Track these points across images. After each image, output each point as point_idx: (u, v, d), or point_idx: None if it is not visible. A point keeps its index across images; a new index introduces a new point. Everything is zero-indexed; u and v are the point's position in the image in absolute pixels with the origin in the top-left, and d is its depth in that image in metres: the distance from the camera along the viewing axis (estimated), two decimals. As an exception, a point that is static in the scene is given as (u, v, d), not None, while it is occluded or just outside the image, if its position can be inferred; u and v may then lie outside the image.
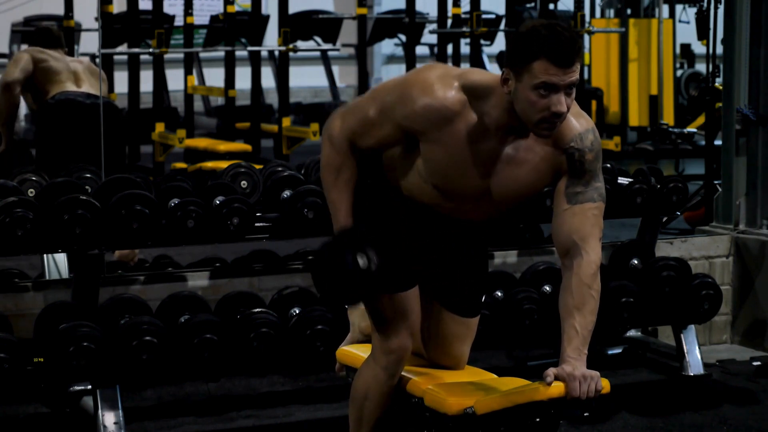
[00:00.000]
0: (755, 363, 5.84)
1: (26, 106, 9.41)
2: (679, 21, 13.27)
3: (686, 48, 14.17)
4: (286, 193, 5.10)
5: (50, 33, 6.64)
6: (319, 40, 13.25)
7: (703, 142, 9.33)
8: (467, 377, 3.56)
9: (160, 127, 9.67)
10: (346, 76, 16.30)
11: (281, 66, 10.30)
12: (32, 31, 6.83)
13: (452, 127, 3.25)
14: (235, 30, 10.24)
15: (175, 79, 12.04)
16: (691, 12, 12.21)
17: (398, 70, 16.01)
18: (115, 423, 4.55)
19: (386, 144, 3.36)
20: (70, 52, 10.44)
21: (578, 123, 3.28)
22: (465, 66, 10.48)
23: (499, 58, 13.11)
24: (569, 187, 3.30)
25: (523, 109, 3.17)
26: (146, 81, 10.56)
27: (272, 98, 13.35)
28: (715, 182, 6.94)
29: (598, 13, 13.29)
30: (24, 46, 12.77)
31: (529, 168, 3.30)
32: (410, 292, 3.49)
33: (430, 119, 3.24)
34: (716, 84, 7.45)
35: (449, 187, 3.34)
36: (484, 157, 3.28)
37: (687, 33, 12.84)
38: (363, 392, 3.57)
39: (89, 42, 12.06)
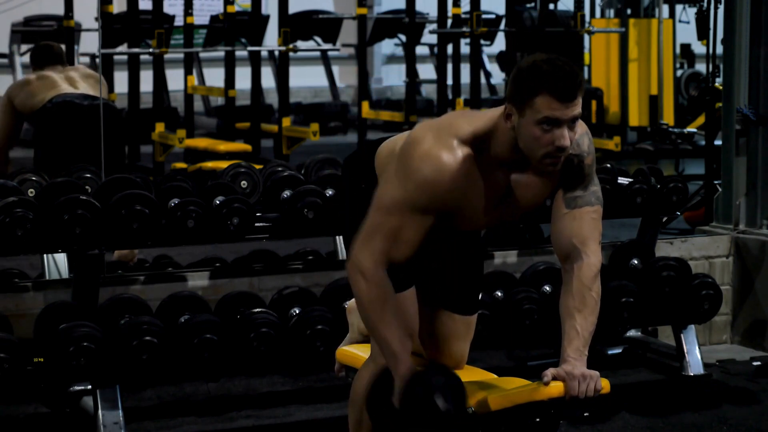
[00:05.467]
0: (755, 363, 5.84)
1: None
2: (679, 21, 13.25)
3: (686, 48, 14.16)
4: (286, 193, 5.10)
5: (51, 50, 6.53)
6: (319, 40, 13.25)
7: (703, 142, 9.32)
8: (467, 377, 3.55)
9: (160, 127, 9.67)
10: (346, 76, 16.30)
11: (281, 66, 10.30)
12: (33, 48, 6.69)
13: (465, 183, 3.21)
14: (235, 30, 10.24)
15: (175, 79, 12.04)
16: (691, 12, 12.20)
17: (398, 70, 16.00)
18: (115, 423, 4.55)
19: (422, 238, 3.25)
20: (70, 52, 10.48)
21: None
22: (464, 66, 10.54)
23: (499, 58, 13.09)
24: (568, 192, 3.30)
25: (526, 144, 3.16)
26: (146, 81, 10.55)
27: (272, 98, 13.35)
28: (715, 182, 6.93)
29: (598, 13, 13.27)
30: (24, 47, 12.82)
31: (534, 190, 3.30)
32: (406, 294, 3.48)
33: (454, 188, 3.19)
34: (716, 84, 7.45)
35: (456, 224, 3.35)
36: (490, 196, 3.27)
37: (687, 33, 12.83)
38: (362, 395, 3.57)
39: (89, 42, 12.06)
